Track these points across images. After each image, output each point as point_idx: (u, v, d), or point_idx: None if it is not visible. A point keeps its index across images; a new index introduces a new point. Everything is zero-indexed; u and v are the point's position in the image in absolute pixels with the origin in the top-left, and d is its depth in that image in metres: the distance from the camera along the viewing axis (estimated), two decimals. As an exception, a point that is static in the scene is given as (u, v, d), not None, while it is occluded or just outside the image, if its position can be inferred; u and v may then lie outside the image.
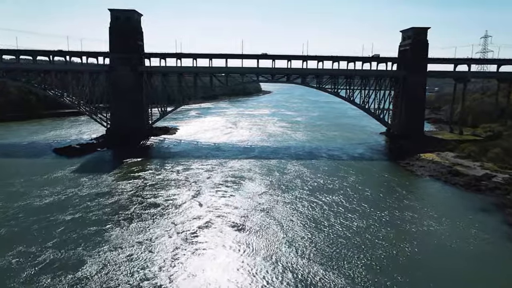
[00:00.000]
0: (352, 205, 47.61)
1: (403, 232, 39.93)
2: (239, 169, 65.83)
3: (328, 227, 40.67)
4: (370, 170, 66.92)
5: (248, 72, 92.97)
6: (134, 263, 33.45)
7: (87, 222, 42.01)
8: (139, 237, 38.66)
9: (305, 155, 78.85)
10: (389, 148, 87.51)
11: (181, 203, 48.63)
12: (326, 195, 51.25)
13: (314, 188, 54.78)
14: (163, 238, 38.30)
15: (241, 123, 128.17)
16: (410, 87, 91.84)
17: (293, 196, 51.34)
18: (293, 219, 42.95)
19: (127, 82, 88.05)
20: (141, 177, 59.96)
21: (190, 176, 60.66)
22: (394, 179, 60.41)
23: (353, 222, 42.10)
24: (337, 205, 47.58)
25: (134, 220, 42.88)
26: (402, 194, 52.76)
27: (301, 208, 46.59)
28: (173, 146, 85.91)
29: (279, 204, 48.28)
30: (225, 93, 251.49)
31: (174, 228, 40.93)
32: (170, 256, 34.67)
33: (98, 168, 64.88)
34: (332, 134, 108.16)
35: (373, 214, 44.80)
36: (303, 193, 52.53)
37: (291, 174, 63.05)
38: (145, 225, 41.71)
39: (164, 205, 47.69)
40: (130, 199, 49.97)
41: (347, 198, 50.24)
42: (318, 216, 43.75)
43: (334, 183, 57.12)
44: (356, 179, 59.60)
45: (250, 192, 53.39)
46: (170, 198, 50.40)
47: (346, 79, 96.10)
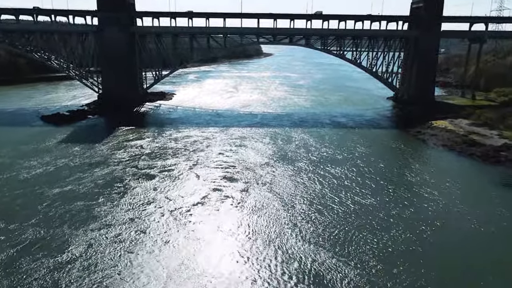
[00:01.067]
0: (361, 178, 43.54)
1: (419, 212, 36.02)
2: (239, 137, 61.56)
3: (336, 205, 36.80)
4: (378, 139, 62.58)
5: (248, 32, 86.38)
6: (122, 245, 30.06)
7: (76, 196, 38.58)
8: (130, 214, 35.21)
9: (309, 121, 74.22)
10: (398, 114, 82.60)
11: (177, 175, 44.93)
12: (333, 167, 47.15)
13: (319, 159, 50.62)
14: (156, 216, 34.75)
15: (241, 87, 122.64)
16: (422, 49, 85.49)
17: (297, 168, 47.31)
18: (297, 195, 39.05)
19: (118, 44, 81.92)
20: (135, 146, 55.91)
21: (187, 145, 56.48)
22: (405, 150, 56.08)
23: (363, 199, 38.18)
24: (344, 178, 43.54)
25: (126, 194, 39.38)
26: (414, 166, 48.51)
27: (306, 181, 42.60)
28: (169, 112, 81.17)
29: (282, 177, 44.30)
30: (225, 55, 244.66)
31: (168, 204, 37.36)
32: (161, 239, 31.07)
33: (90, 137, 60.87)
34: (336, 99, 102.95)
35: (384, 189, 40.83)
36: (307, 164, 48.43)
37: (295, 143, 58.78)
38: (138, 200, 38.18)
39: (159, 177, 44.07)
40: (124, 170, 46.24)
41: (355, 170, 46.15)
42: (324, 192, 39.81)
43: (340, 154, 52.90)
44: (364, 149, 55.29)
45: (251, 163, 49.35)
46: (165, 169, 46.65)
47: (352, 40, 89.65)
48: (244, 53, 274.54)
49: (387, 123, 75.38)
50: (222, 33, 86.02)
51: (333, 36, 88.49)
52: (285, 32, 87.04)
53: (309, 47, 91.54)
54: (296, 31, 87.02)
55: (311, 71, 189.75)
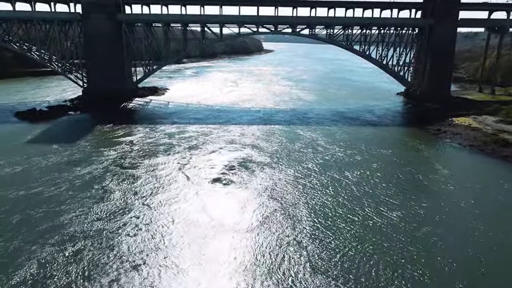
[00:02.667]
0: (379, 186, 36.13)
1: (459, 233, 28.66)
2: (239, 135, 54.44)
3: (349, 221, 29.46)
4: (395, 138, 55.20)
5: (247, 21, 78.71)
6: (80, 266, 23.65)
7: (43, 200, 32.49)
8: (99, 225, 28.87)
9: (314, 118, 66.76)
10: (411, 111, 74.98)
11: (165, 176, 38.40)
12: (345, 171, 39.75)
13: (328, 160, 43.21)
14: (128, 230, 27.98)
15: (242, 82, 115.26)
16: (437, 39, 77.89)
17: (303, 171, 39.98)
18: (303, 206, 31.70)
19: (103, 34, 74.48)
20: (120, 145, 49.00)
21: (178, 144, 49.32)
22: (426, 150, 48.58)
23: (383, 213, 30.79)
24: (359, 185, 36.13)
25: (101, 199, 33.00)
26: (441, 171, 40.95)
27: (313, 188, 35.22)
28: (160, 108, 73.73)
29: (287, 183, 37.01)
30: (225, 51, 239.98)
31: (150, 215, 30.50)
32: (130, 262, 24.08)
33: (68, 135, 53.88)
34: (342, 94, 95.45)
35: (409, 200, 33.43)
36: (314, 167, 41.06)
37: (301, 141, 51.44)
38: (113, 207, 31.70)
39: (144, 179, 37.60)
40: (105, 170, 39.90)
41: (371, 176, 38.74)
42: (335, 203, 32.40)
43: (353, 155, 45.47)
44: (380, 149, 47.85)
45: (251, 164, 42.25)
46: (152, 169, 40.23)
47: (361, 30, 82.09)
48: (244, 50, 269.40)
49: (401, 120, 67.87)
50: (218, 22, 78.45)
51: (340, 26, 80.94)
52: (287, 20, 79.44)
53: (313, 38, 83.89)
54: (299, 19, 79.39)
55: (313, 66, 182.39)
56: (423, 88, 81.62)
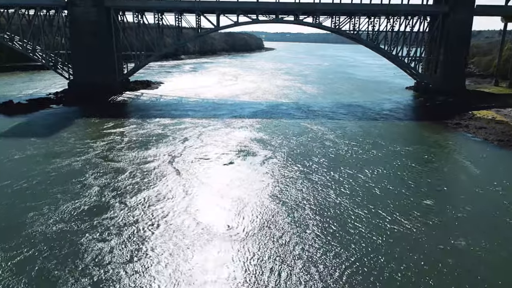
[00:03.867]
0: (405, 188, 30.09)
1: (508, 246, 22.77)
2: (239, 128, 48.93)
3: (367, 232, 23.52)
4: (412, 133, 49.32)
5: (245, 8, 72.87)
6: (27, 277, 18.07)
7: (6, 195, 27.95)
8: (66, 226, 23.92)
9: (320, 111, 60.86)
10: (425, 104, 68.89)
11: (152, 171, 33.44)
12: (362, 168, 33.76)
13: (339, 157, 37.25)
14: (99, 234, 22.89)
15: (242, 77, 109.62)
16: (452, 28, 71.90)
17: (311, 169, 34.12)
18: (312, 213, 25.77)
19: (90, 22, 68.68)
20: (103, 138, 43.63)
21: (168, 137, 43.70)
22: (450, 146, 42.49)
23: (412, 221, 24.86)
24: (380, 186, 30.17)
25: (77, 196, 28.14)
26: (471, 170, 34.71)
27: (324, 190, 29.29)
28: (151, 102, 67.78)
29: (292, 181, 31.24)
30: (225, 48, 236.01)
31: (127, 216, 25.19)
32: (94, 279, 18.28)
33: (47, 128, 48.32)
34: (347, 88, 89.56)
35: (442, 205, 27.42)
36: (326, 163, 35.16)
37: (307, 135, 45.64)
38: (88, 204, 26.85)
39: (127, 173, 32.70)
40: (85, 163, 35.06)
41: (393, 175, 32.79)
42: (349, 208, 26.44)
43: (368, 151, 39.49)
44: (398, 145, 41.74)
45: (252, 160, 36.57)
46: (138, 163, 35.35)
47: (368, 18, 76.21)
48: (245, 47, 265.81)
49: (415, 114, 61.88)
50: (215, 9, 72.59)
51: (346, 14, 75.08)
52: (288, 7, 73.56)
53: (316, 27, 77.94)
54: (302, 6, 73.55)
55: (316, 62, 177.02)
56: (435, 81, 75.70)
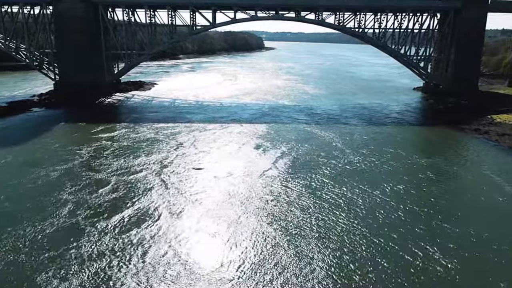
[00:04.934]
0: (428, 213, 25.32)
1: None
2: (237, 134, 44.57)
3: (387, 277, 18.85)
4: (428, 141, 44.49)
5: (243, 4, 68.06)
6: None
7: None
8: (19, 256, 19.58)
9: (325, 115, 56.17)
10: (436, 107, 64.01)
11: (136, 183, 29.62)
12: (374, 187, 28.91)
13: (349, 171, 32.43)
14: (55, 272, 18.06)
15: (242, 76, 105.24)
16: (465, 25, 67.13)
17: (316, 184, 29.50)
18: (316, 242, 21.08)
19: (77, 18, 64.00)
20: (88, 144, 39.45)
21: (158, 144, 39.42)
22: (473, 157, 37.45)
23: (438, 264, 20.14)
24: (396, 211, 25.34)
25: (47, 215, 24.38)
26: (504, 188, 29.94)
27: (331, 213, 24.54)
28: (143, 105, 62.92)
29: (295, 199, 26.68)
30: (224, 48, 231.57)
31: (97, 245, 20.92)
32: None
33: (26, 133, 43.84)
34: (352, 89, 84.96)
35: (478, 240, 22.70)
36: (332, 180, 30.32)
37: (312, 142, 40.97)
38: (57, 228, 23.00)
39: (111, 185, 28.99)
40: (64, 174, 31.26)
41: (410, 195, 27.94)
42: (364, 239, 21.70)
43: (381, 162, 34.55)
44: (415, 156, 36.53)
45: (250, 172, 32.18)
46: (123, 173, 31.53)
47: (374, 15, 71.46)
48: (245, 46, 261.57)
49: (427, 118, 57.04)
50: (211, 4, 67.87)
51: (351, 10, 70.37)
52: (289, 3, 68.81)
53: (319, 24, 73.14)
54: (304, 1, 68.73)
55: (318, 62, 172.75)
56: (446, 82, 70.98)
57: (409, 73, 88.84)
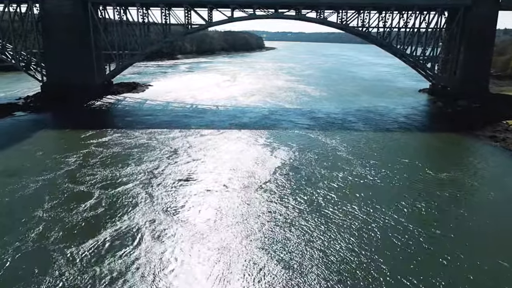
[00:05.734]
0: (453, 239, 21.87)
1: None
2: (234, 140, 41.13)
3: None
4: (441, 149, 40.66)
5: (240, 1, 64.40)
6: None
7: None
8: None
9: (328, 119, 52.62)
10: (444, 111, 60.42)
11: (120, 198, 26.74)
12: (385, 207, 25.35)
13: (357, 186, 28.77)
14: None
15: (241, 77, 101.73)
16: (475, 24, 63.54)
17: (320, 201, 26.09)
18: (319, 277, 17.62)
19: (64, 16, 60.48)
20: (72, 152, 36.18)
21: (147, 152, 36.12)
22: (492, 169, 33.65)
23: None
24: (415, 237, 21.83)
25: (16, 236, 21.71)
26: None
27: (338, 240, 21.03)
28: (134, 108, 59.32)
29: (295, 221, 23.33)
30: (224, 48, 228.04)
31: (70, 280, 17.60)
32: None
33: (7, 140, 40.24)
34: (354, 90, 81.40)
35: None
36: (338, 197, 26.77)
37: (313, 151, 37.33)
38: (23, 254, 20.14)
39: (93, 200, 26.17)
40: (44, 186, 28.47)
41: (430, 218, 24.40)
42: (378, 277, 18.28)
43: (391, 177, 30.80)
44: (426, 168, 32.72)
45: (247, 185, 29.01)
46: (107, 186, 28.60)
47: (379, 14, 67.88)
48: (245, 46, 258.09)
49: (437, 123, 53.43)
50: (207, 2, 64.35)
51: (354, 8, 66.81)
52: (290, 0, 65.24)
53: (321, 23, 69.57)
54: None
55: (319, 62, 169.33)
56: (454, 84, 67.38)
57: (413, 74, 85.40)
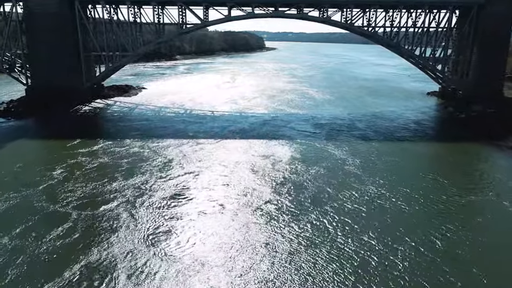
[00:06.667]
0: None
1: None
2: (232, 151, 36.80)
3: None
4: (463, 163, 36.00)
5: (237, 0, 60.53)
6: None
7: None
8: None
9: (333, 125, 48.38)
10: (458, 117, 56.20)
11: (98, 220, 23.40)
12: (412, 235, 21.21)
13: (371, 206, 24.67)
14: None
15: (241, 79, 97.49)
16: (488, 23, 59.33)
17: (330, 227, 22.12)
18: None
19: (49, 14, 56.41)
20: (53, 164, 32.63)
21: (134, 165, 32.21)
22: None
23: None
24: (449, 281, 17.83)
25: None
26: None
27: (353, 277, 17.15)
28: (124, 114, 55.00)
29: (301, 254, 19.30)
30: (223, 48, 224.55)
31: None
32: None
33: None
34: (358, 93, 77.37)
35: None
36: (352, 221, 22.74)
37: (319, 166, 33.05)
38: None
39: (70, 223, 22.86)
40: (16, 204, 25.31)
41: (467, 258, 20.38)
42: None
43: (413, 197, 26.49)
44: (455, 188, 28.17)
45: (243, 206, 25.23)
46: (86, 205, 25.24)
47: (386, 12, 63.67)
48: (245, 47, 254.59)
49: (451, 131, 49.12)
50: (202, 1, 60.18)
51: (359, 7, 62.65)
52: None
53: (324, 22, 65.38)
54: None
55: (320, 63, 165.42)
56: (466, 87, 63.15)
57: (419, 76, 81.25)
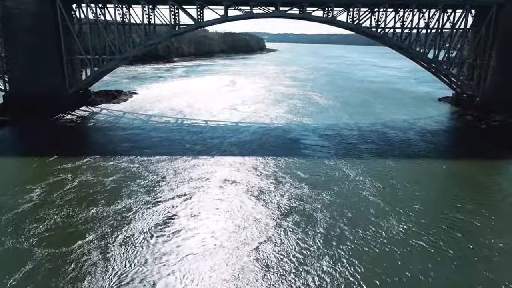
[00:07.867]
0: None
1: None
2: (230, 168, 31.91)
3: None
4: (498, 189, 29.92)
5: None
6: None
7: None
8: None
9: (341, 139, 43.00)
10: (478, 128, 50.94)
11: (67, 260, 19.01)
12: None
13: (394, 250, 19.62)
14: None
15: (241, 83, 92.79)
16: (508, 24, 54.35)
17: (345, 278, 16.96)
18: None
19: (28, 14, 51.47)
20: (25, 185, 27.92)
21: (118, 192, 26.86)
22: None
23: None
24: None
25: None
26: None
27: None
28: (109, 124, 49.98)
29: None
30: (223, 50, 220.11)
31: None
32: None
33: None
34: (364, 98, 72.57)
35: None
36: (372, 274, 17.60)
37: (329, 189, 28.14)
38: None
39: (30, 265, 18.21)
40: None
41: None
42: None
43: (440, 237, 21.46)
44: (494, 229, 23.55)
45: (243, 239, 21.26)
46: (58, 239, 20.99)
47: (395, 12, 58.65)
48: (245, 48, 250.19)
49: (473, 145, 43.77)
50: (195, 0, 55.33)
51: (366, 6, 57.64)
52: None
53: (328, 23, 60.22)
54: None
55: (323, 65, 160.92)
56: (483, 93, 58.10)
57: (426, 78, 76.26)
